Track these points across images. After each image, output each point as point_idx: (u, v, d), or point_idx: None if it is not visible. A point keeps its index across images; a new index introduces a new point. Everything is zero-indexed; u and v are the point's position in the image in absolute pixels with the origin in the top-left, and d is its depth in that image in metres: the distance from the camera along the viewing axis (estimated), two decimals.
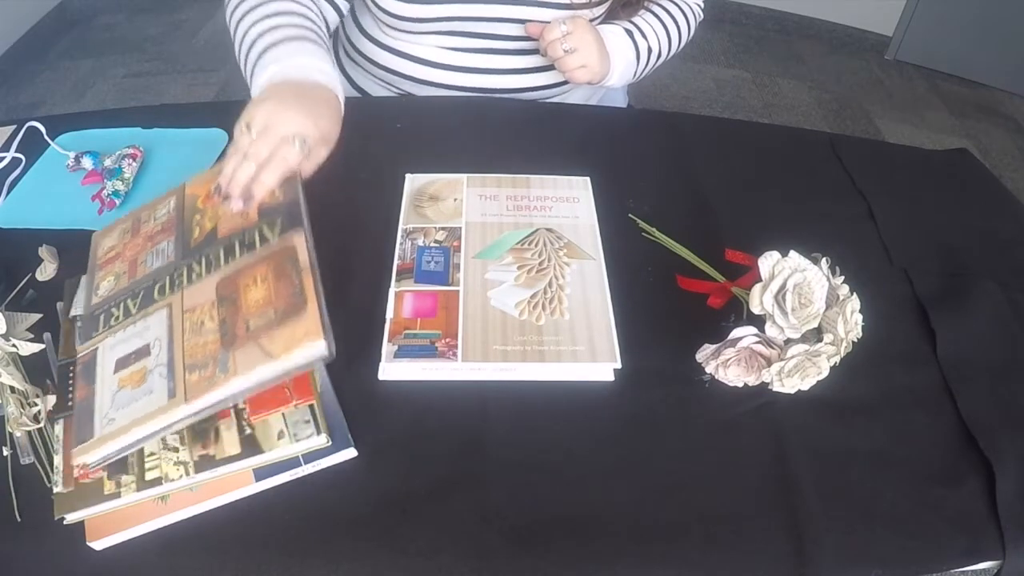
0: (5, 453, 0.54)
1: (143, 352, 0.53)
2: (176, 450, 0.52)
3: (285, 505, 0.52)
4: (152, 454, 0.52)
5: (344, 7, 0.87)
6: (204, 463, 0.51)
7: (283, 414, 0.54)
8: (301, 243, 0.55)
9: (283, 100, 0.61)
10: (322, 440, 0.53)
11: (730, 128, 1.04)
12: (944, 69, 2.67)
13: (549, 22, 0.85)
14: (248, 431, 0.53)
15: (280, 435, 0.53)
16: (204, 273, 0.56)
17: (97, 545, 0.50)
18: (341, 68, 1.03)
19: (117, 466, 0.51)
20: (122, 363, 0.53)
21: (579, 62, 0.84)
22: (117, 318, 0.57)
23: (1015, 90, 2.57)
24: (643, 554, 0.51)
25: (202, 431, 0.53)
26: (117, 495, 0.50)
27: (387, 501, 0.53)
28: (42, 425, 0.56)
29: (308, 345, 0.48)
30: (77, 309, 0.63)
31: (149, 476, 0.51)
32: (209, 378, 0.49)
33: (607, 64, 0.87)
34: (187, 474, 0.51)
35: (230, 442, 0.52)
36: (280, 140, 0.59)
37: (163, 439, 0.53)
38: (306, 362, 0.49)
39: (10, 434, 0.55)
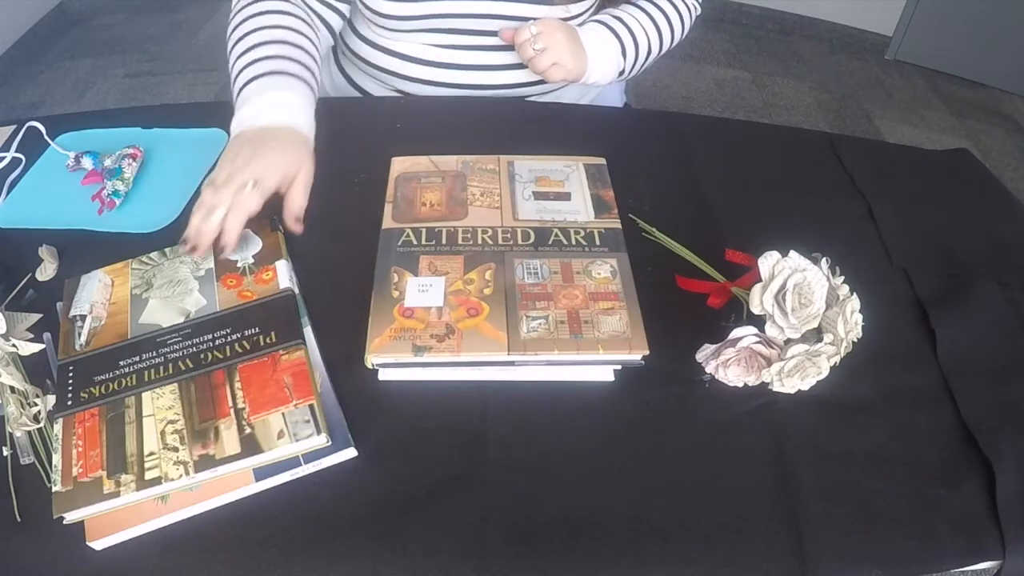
0: (5, 453, 0.54)
1: None
2: (176, 450, 0.52)
3: (285, 505, 0.52)
4: (152, 454, 0.52)
5: (345, 9, 0.88)
6: (204, 463, 0.51)
7: (283, 414, 0.54)
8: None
9: (241, 153, 0.66)
10: (322, 440, 0.53)
11: (730, 128, 1.04)
12: (944, 69, 2.67)
13: (521, 23, 0.85)
14: (248, 431, 0.53)
15: (280, 435, 0.53)
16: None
17: (97, 545, 0.50)
18: (339, 66, 1.04)
19: (116, 465, 0.51)
20: None
21: (549, 60, 0.84)
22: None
23: (1015, 90, 2.57)
24: (643, 554, 0.51)
25: (202, 431, 0.53)
26: (116, 494, 0.50)
27: (387, 501, 0.53)
28: (42, 425, 0.56)
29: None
30: (77, 309, 0.63)
31: (149, 476, 0.51)
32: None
33: (583, 62, 0.87)
34: (187, 474, 0.51)
35: (230, 442, 0.52)
36: (238, 187, 0.63)
37: (163, 438, 0.53)
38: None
39: (10, 434, 0.55)
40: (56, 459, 0.52)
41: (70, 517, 0.50)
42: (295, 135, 0.69)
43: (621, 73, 0.93)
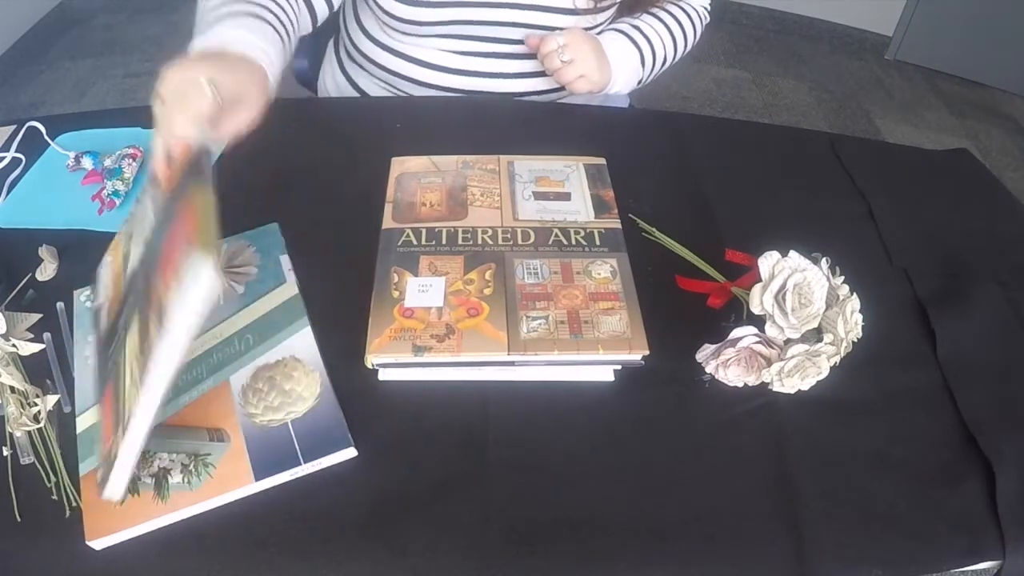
0: (5, 453, 0.54)
1: None
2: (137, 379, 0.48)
3: (285, 505, 0.52)
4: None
5: (336, 0, 0.85)
6: (144, 364, 0.47)
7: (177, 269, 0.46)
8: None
9: (193, 59, 0.60)
10: (208, 271, 0.43)
11: (730, 128, 1.04)
12: (944, 69, 2.67)
13: (548, 32, 0.85)
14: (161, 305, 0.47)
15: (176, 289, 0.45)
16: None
17: (97, 545, 0.50)
18: (341, 68, 1.03)
19: (119, 423, 0.49)
20: None
21: (577, 72, 0.84)
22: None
23: (1015, 90, 2.57)
24: (643, 554, 0.51)
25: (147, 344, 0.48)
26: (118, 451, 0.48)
27: (387, 501, 0.53)
28: (42, 425, 0.56)
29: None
30: (96, 300, 0.62)
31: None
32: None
33: (607, 73, 0.87)
34: (137, 389, 0.47)
35: (154, 331, 0.47)
36: (191, 83, 0.55)
37: (132, 375, 0.49)
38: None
39: (10, 434, 0.55)
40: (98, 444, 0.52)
41: (109, 489, 0.48)
42: (258, 69, 0.64)
43: (638, 83, 0.93)
